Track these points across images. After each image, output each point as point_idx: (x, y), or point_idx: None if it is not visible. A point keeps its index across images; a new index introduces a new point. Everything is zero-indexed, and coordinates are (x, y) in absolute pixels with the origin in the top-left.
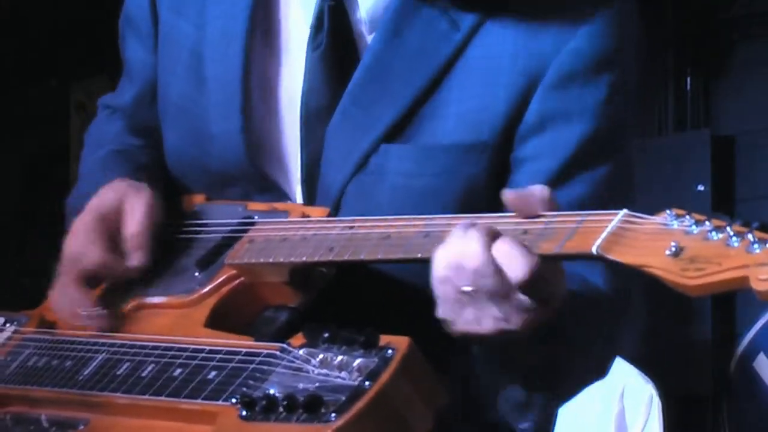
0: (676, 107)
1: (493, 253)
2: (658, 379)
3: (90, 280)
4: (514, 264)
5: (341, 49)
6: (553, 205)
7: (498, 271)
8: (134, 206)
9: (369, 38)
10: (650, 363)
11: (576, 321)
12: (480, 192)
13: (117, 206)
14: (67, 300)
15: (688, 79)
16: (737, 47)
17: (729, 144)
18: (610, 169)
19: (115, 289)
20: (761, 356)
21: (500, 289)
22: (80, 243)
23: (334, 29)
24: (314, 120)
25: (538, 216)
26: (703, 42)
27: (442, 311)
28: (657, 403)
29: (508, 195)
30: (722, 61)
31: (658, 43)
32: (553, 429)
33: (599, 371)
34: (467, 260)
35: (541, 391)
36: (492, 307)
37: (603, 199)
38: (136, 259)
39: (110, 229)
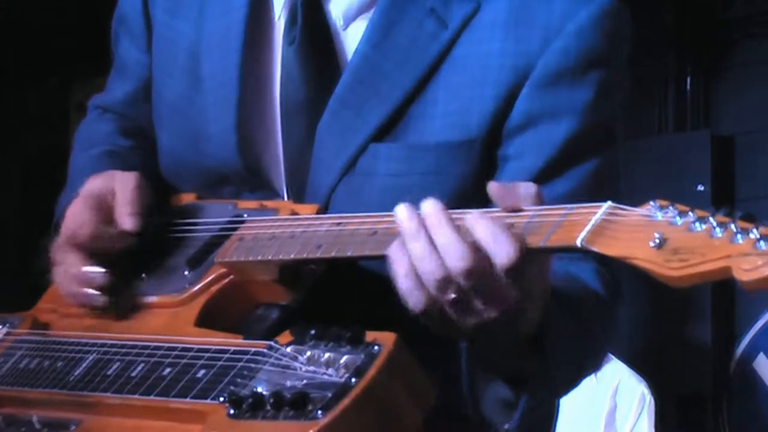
0: (676, 107)
1: (478, 236)
2: (658, 380)
3: (88, 253)
4: (500, 247)
5: (316, 43)
6: (541, 201)
7: (481, 251)
8: (124, 182)
9: (344, 34)
10: (650, 363)
11: (568, 319)
12: (469, 191)
13: (108, 185)
14: (67, 270)
15: (688, 79)
16: (737, 47)
17: (729, 144)
18: (595, 168)
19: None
20: (761, 356)
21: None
22: (74, 220)
23: (308, 24)
24: (293, 113)
25: (522, 210)
26: (703, 42)
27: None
28: (649, 401)
29: (493, 186)
30: (722, 61)
31: (658, 43)
32: (554, 430)
33: (590, 368)
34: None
35: (530, 390)
36: (471, 296)
37: (588, 198)
38: (127, 223)
39: (102, 206)
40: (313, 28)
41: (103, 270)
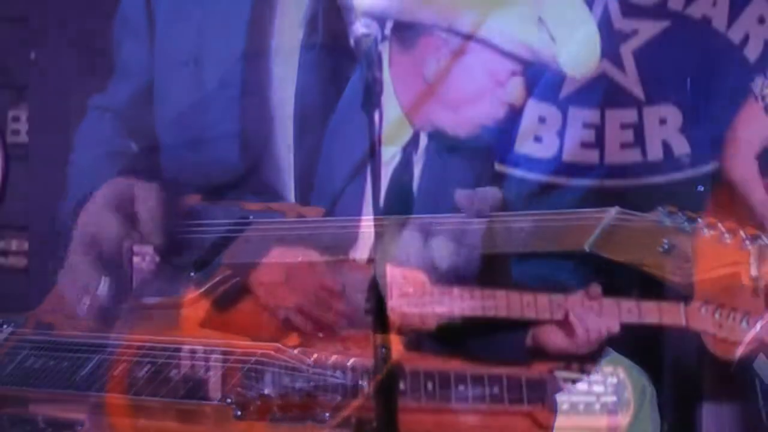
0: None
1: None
2: (658, 379)
3: (103, 261)
4: None
5: (335, 50)
6: (505, 207)
7: None
8: (145, 191)
9: (364, 41)
10: (650, 363)
11: None
12: None
13: (129, 191)
14: (77, 277)
15: (688, 80)
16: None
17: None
18: (602, 166)
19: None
20: (761, 356)
21: None
22: (96, 221)
23: (328, 31)
24: (308, 119)
25: (490, 216)
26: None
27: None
28: (650, 394)
29: (458, 195)
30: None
31: None
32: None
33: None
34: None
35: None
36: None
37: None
38: (153, 240)
39: (124, 211)
40: (334, 36)
41: (107, 289)
